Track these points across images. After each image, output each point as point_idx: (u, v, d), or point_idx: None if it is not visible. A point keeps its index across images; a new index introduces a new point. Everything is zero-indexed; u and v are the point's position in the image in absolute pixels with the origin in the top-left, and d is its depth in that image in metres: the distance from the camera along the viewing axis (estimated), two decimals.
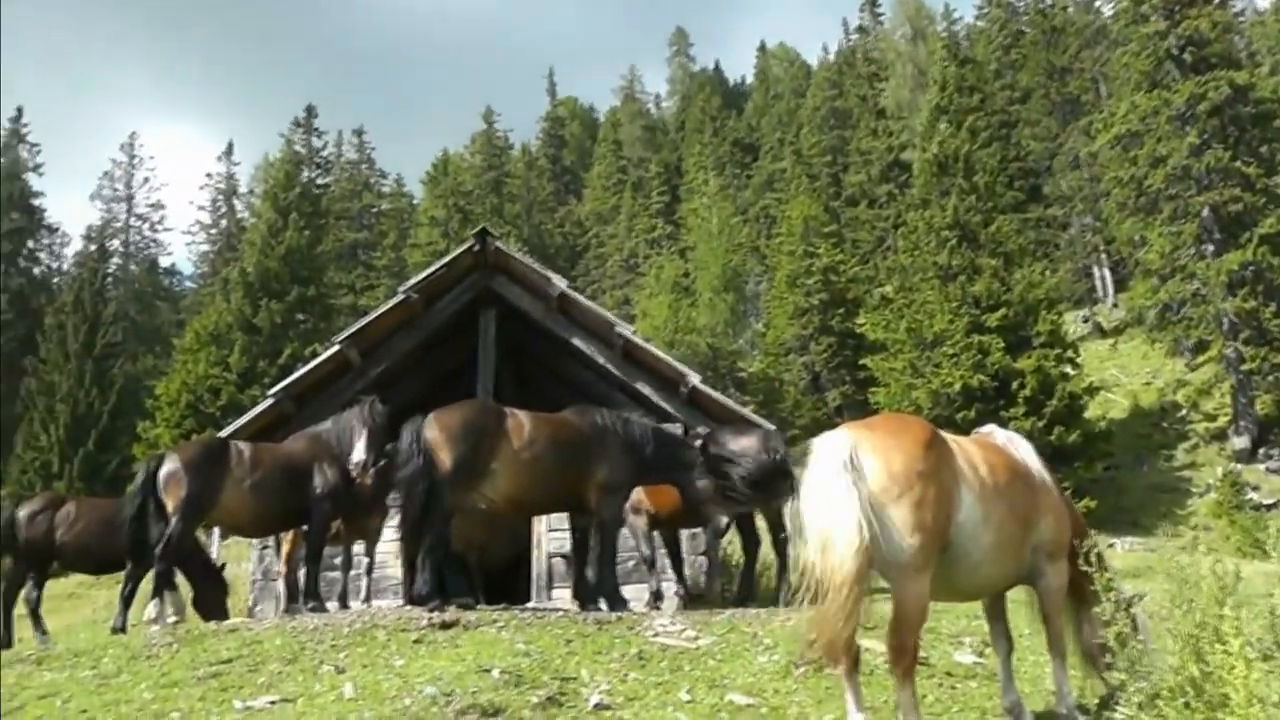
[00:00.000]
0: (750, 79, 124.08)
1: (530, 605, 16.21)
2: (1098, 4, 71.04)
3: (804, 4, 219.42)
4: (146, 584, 13.59)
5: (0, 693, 9.59)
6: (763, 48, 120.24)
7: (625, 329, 18.38)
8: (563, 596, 17.40)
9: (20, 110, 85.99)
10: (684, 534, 17.43)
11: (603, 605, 13.12)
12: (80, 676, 9.82)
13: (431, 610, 11.51)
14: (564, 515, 16.61)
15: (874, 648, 8.36)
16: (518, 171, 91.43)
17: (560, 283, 18.27)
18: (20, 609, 15.82)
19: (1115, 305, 61.85)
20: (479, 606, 12.83)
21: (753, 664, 9.28)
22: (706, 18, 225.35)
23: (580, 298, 19.08)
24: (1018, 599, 7.97)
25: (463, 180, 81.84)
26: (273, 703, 8.36)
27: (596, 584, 13.45)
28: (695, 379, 18.13)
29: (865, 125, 72.99)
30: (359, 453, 13.41)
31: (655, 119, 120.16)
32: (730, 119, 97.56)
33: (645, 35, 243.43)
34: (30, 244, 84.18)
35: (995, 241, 43.02)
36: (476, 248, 18.53)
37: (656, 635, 10.44)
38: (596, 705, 8.09)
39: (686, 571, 17.30)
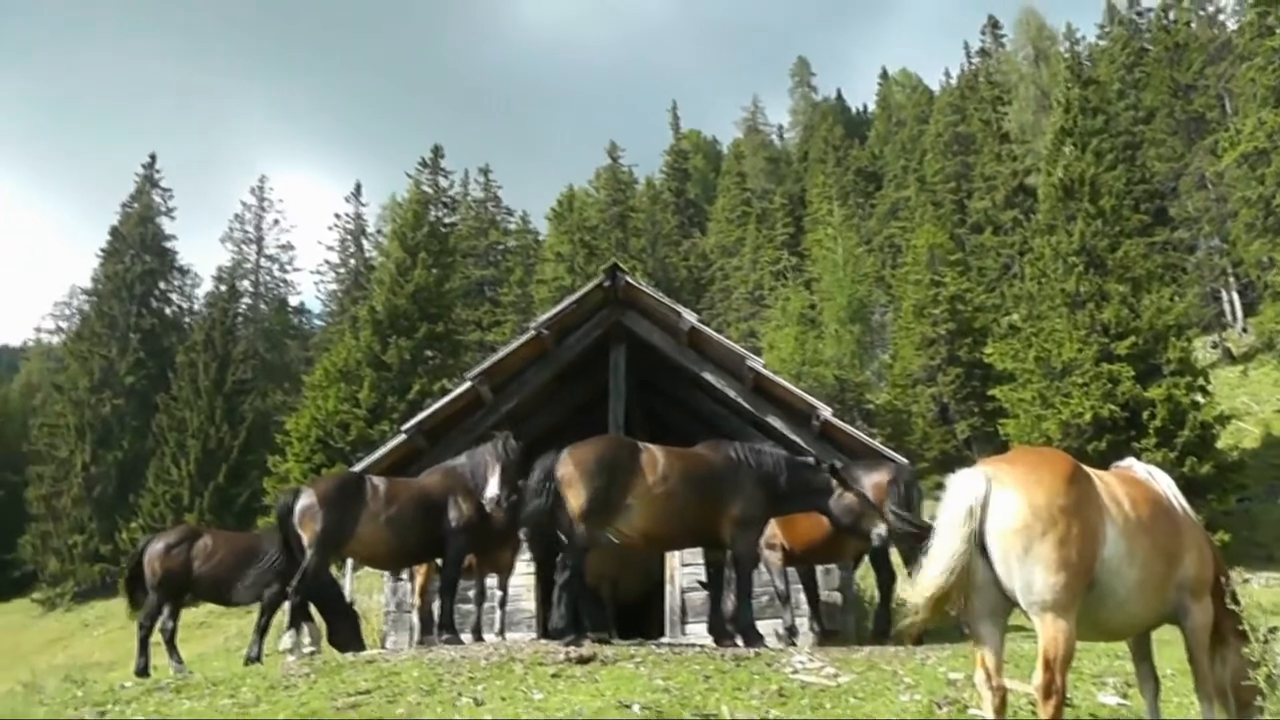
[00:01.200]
0: (872, 107, 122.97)
1: (665, 640, 16.14)
2: (1222, 18, 69.72)
3: (925, 29, 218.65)
4: (282, 614, 13.78)
5: None
6: (884, 74, 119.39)
7: (756, 362, 18.26)
8: (697, 632, 17.29)
9: (153, 156, 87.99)
10: (819, 570, 17.27)
11: (739, 641, 13.02)
12: (219, 705, 9.93)
13: (568, 644, 11.49)
14: (697, 549, 16.50)
15: (1018, 689, 8.16)
16: (642, 205, 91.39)
17: (690, 317, 18.21)
18: (155, 638, 16.08)
19: (1245, 330, 60.29)
20: (614, 641, 12.76)
21: (894, 703, 9.08)
22: (828, 47, 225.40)
23: (710, 331, 18.99)
24: (1162, 638, 7.75)
25: (588, 215, 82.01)
26: None
27: (733, 619, 13.36)
28: (826, 412, 17.96)
29: (989, 150, 72.03)
30: (492, 488, 13.45)
31: (778, 150, 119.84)
32: (853, 148, 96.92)
33: (767, 66, 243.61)
34: (162, 285, 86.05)
35: (1123, 266, 42.08)
36: (606, 283, 18.55)
37: (796, 672, 10.29)
38: None
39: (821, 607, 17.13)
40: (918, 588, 6.45)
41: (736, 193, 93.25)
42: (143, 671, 15.36)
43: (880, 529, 13.50)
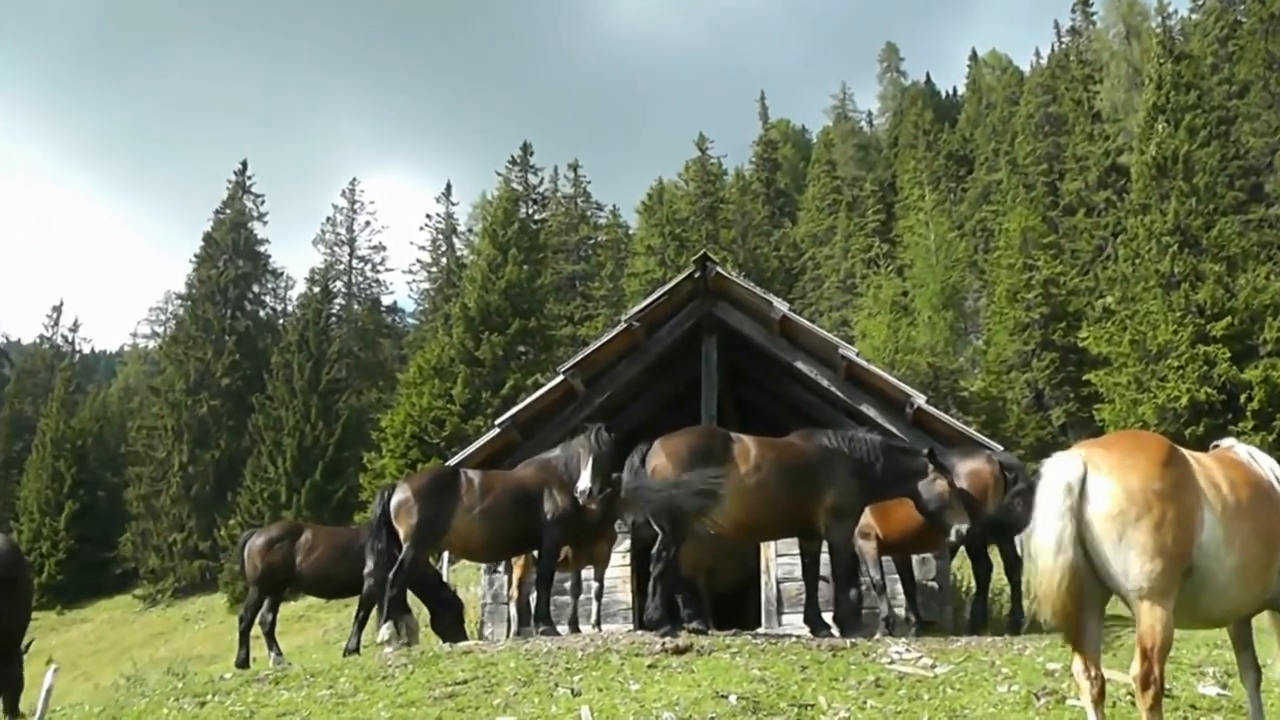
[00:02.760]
0: (962, 89, 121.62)
1: (761, 631, 16.09)
2: None
3: (1015, 9, 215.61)
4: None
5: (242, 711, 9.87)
6: (974, 56, 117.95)
7: (849, 350, 18.13)
8: (793, 622, 17.20)
9: (244, 163, 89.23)
10: (915, 559, 17.12)
11: (835, 631, 12.94)
12: (317, 695, 10.06)
13: (664, 635, 11.48)
14: (792, 539, 16.40)
15: (1116, 678, 8.02)
16: (732, 197, 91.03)
17: (782, 306, 18.08)
18: (256, 631, 16.31)
19: None
20: (710, 632, 12.73)
21: (992, 694, 8.96)
22: (916, 30, 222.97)
23: (802, 320, 18.89)
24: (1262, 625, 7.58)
25: (678, 208, 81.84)
26: None
27: (834, 609, 13.29)
28: (920, 399, 17.77)
29: (1081, 130, 70.83)
30: (585, 480, 13.46)
31: (868, 136, 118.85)
32: (943, 132, 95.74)
33: (855, 53, 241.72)
34: (255, 288, 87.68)
35: (1218, 245, 41.49)
36: (697, 274, 18.48)
37: (893, 662, 10.21)
38: None
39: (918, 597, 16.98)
40: (1040, 580, 6.33)
41: (826, 181, 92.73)
42: (243, 663, 15.60)
43: (962, 526, 13.42)
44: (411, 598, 14.34)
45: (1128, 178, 61.50)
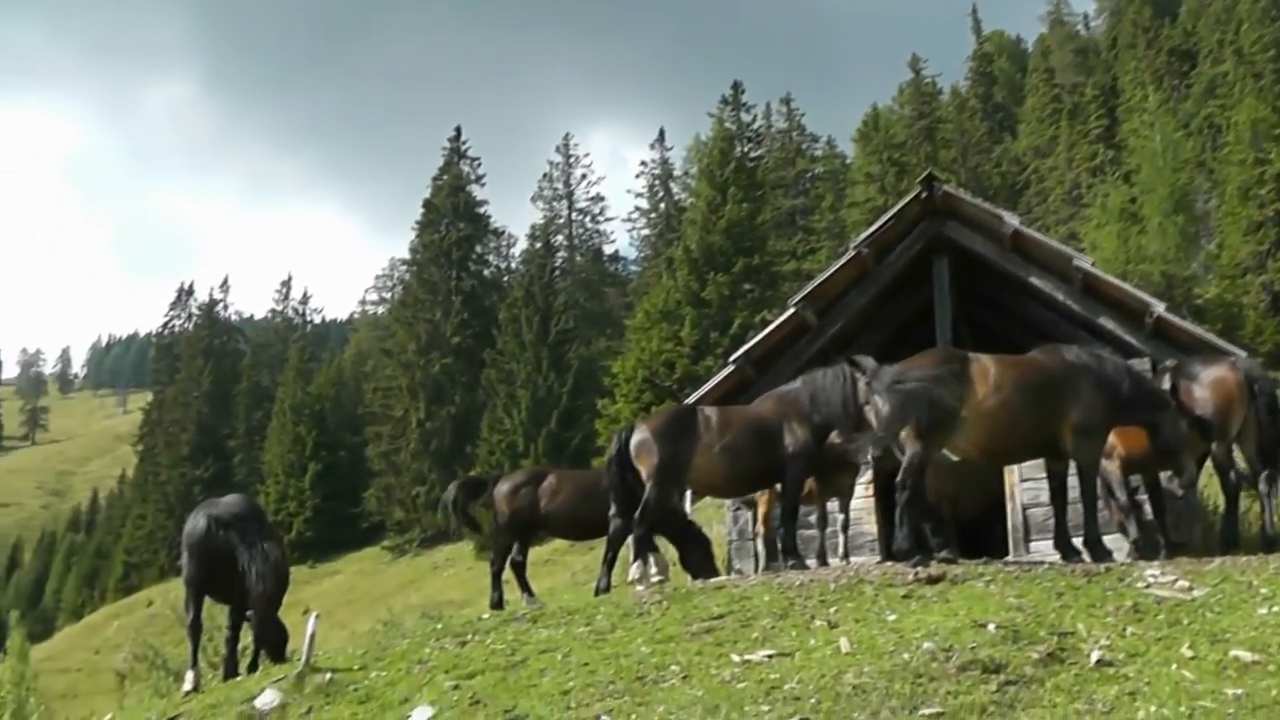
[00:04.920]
0: None
1: (1011, 559, 15.76)
2: None
3: None
4: (628, 547, 14.01)
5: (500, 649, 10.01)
6: None
7: (1083, 261, 17.51)
8: (1041, 549, 16.80)
9: (459, 129, 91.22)
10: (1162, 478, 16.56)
11: (1086, 556, 12.56)
12: (576, 633, 10.20)
13: (915, 565, 11.29)
14: (1037, 464, 15.99)
15: None
16: (949, 116, 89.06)
17: (1013, 220, 17.57)
18: (507, 576, 16.59)
19: None
20: (959, 561, 12.49)
21: (1252, 616, 8.58)
22: None
23: (1034, 233, 18.34)
24: None
25: (894, 133, 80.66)
26: (769, 656, 8.39)
27: (1084, 532, 12.90)
28: (1160, 307, 17.10)
29: None
30: (842, 416, 13.32)
31: (1086, 40, 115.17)
32: (1164, 27, 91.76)
33: None
34: (478, 249, 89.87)
35: None
36: (924, 194, 18.08)
37: (1149, 586, 9.87)
38: (1098, 661, 7.74)
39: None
40: None
41: (1045, 90, 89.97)
42: (498, 605, 15.88)
43: (1189, 476, 13.00)
44: (660, 537, 14.42)
45: None
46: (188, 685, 12.54)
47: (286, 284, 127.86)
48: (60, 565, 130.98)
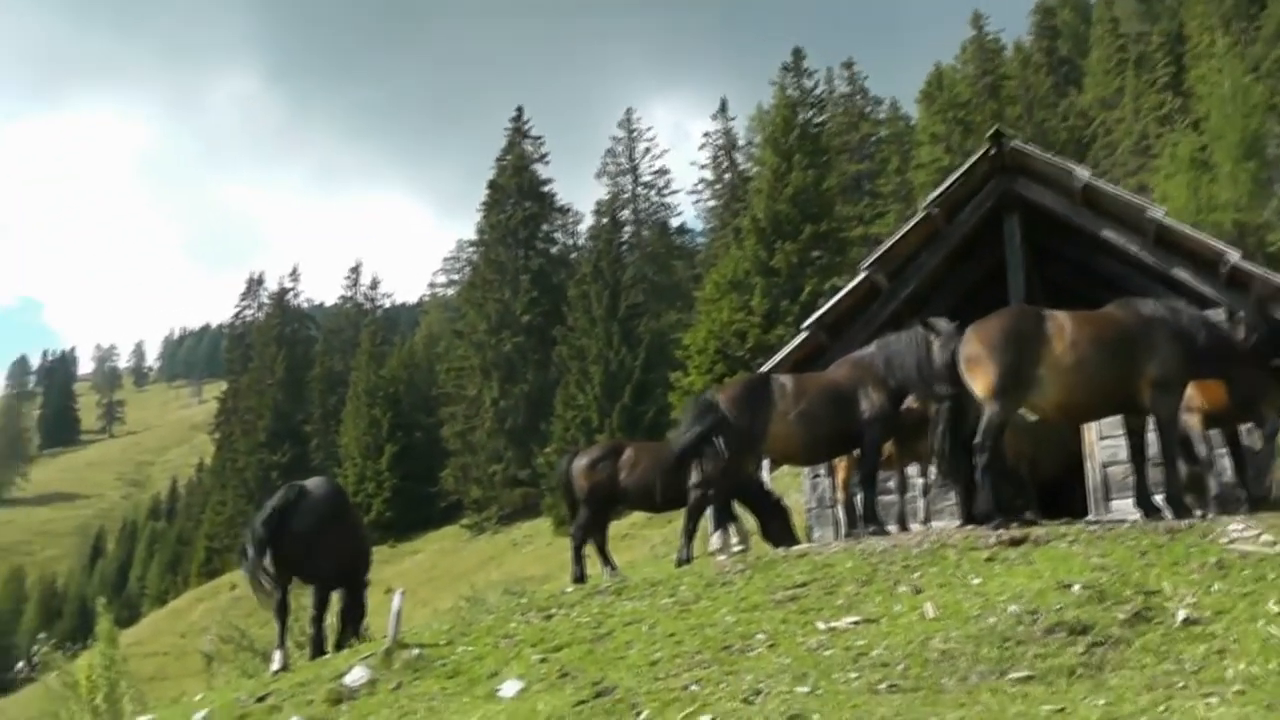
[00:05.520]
0: None
1: (1090, 518, 15.63)
2: None
3: None
4: (708, 518, 14.05)
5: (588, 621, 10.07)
6: None
7: (1156, 211, 17.30)
8: (1121, 508, 16.66)
9: (520, 109, 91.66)
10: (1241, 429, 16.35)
11: (1168, 513, 12.43)
12: (660, 604, 10.27)
13: (997, 528, 11.24)
14: (1115, 421, 15.83)
15: None
16: (1013, 72, 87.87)
17: (1083, 173, 17.40)
18: (587, 550, 16.66)
19: None
20: (1040, 522, 12.40)
21: None
22: None
23: (1106, 185, 18.12)
24: None
25: (958, 92, 79.85)
26: (855, 623, 8.41)
27: (1165, 489, 12.76)
28: (1235, 255, 16.87)
29: None
30: (917, 379, 13.26)
31: None
32: None
33: None
34: (545, 227, 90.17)
35: None
36: (992, 151, 17.93)
37: (1232, 542, 9.74)
38: (1185, 620, 7.66)
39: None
40: None
41: (1110, 41, 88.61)
42: (580, 579, 15.94)
43: (1270, 428, 12.82)
44: (739, 507, 14.44)
45: None
46: (276, 665, 12.71)
47: (355, 270, 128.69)
48: (143, 552, 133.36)
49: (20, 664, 30.33)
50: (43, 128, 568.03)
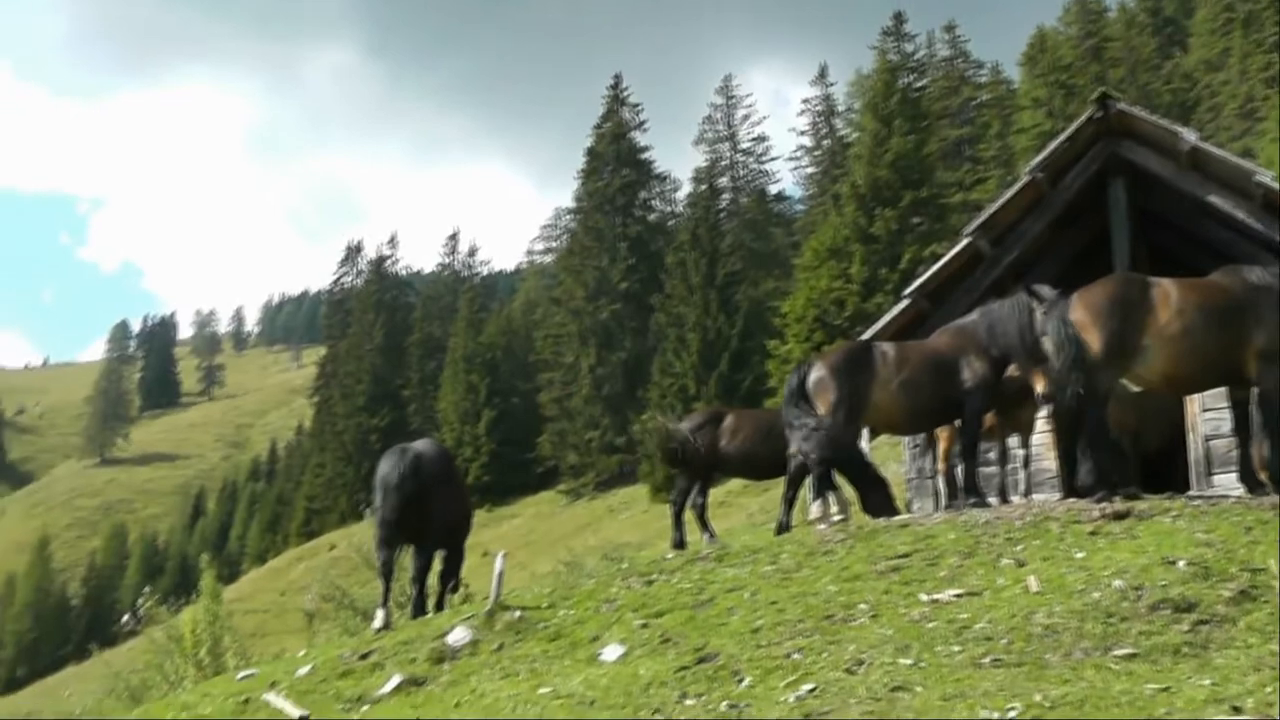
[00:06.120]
0: None
1: (1193, 492, 15.39)
2: None
3: None
4: (807, 486, 14.03)
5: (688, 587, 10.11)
6: None
7: (1264, 176, 16.84)
8: (1224, 482, 16.39)
9: (618, 77, 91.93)
10: None
11: (1272, 489, 12.20)
12: (762, 571, 10.23)
13: (1100, 501, 11.11)
14: (1219, 394, 15.58)
15: None
16: (1116, 33, 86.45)
17: (1190, 136, 16.98)
18: (687, 515, 16.69)
19: None
20: (1143, 496, 12.22)
21: None
22: None
23: (1213, 148, 17.61)
24: None
25: (1061, 54, 78.72)
26: (958, 595, 8.34)
27: (1268, 463, 12.53)
28: None
29: None
30: (1020, 348, 13.12)
31: None
32: None
33: None
34: (642, 194, 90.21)
35: None
36: (1098, 114, 17.61)
37: None
38: None
39: None
40: None
41: (1217, 0, 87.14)
42: (679, 544, 16.00)
43: None
44: (839, 477, 14.40)
45: None
46: (378, 623, 12.83)
47: (454, 238, 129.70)
48: (243, 512, 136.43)
49: (125, 617, 31.04)
50: (144, 101, 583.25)
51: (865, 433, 16.50)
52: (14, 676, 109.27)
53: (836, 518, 13.14)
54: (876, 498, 15.24)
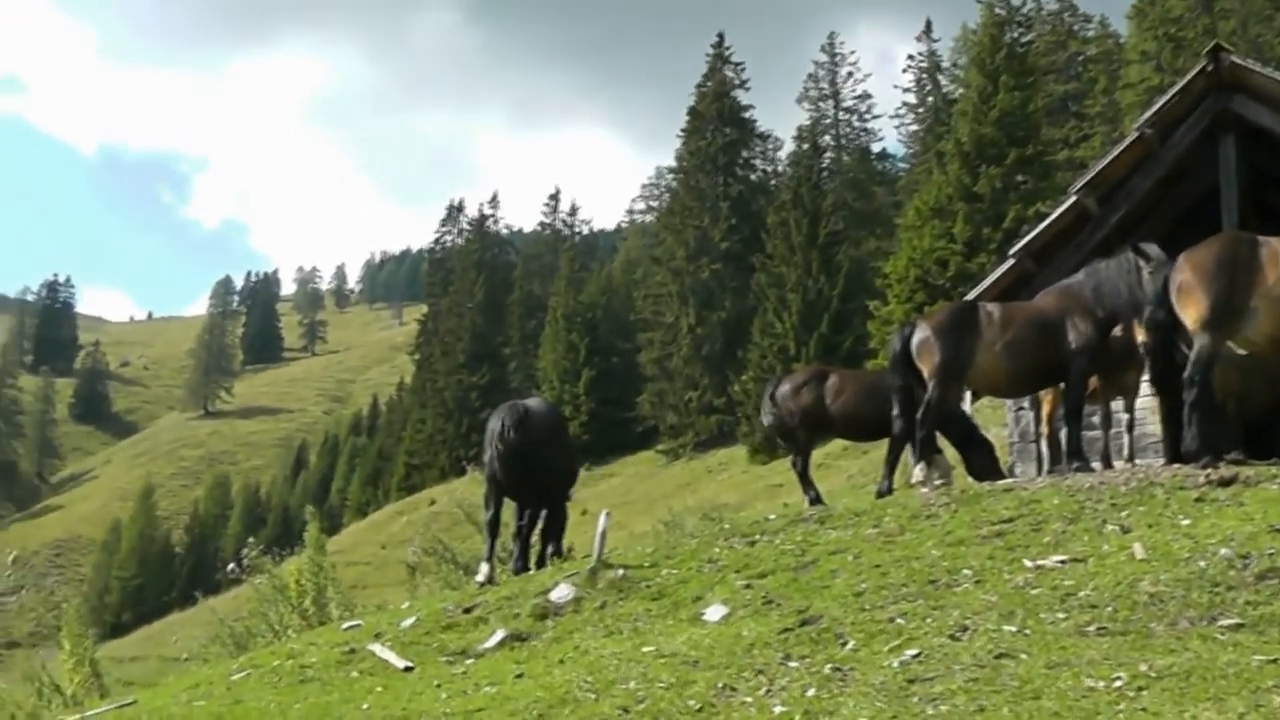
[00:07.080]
0: None
1: None
2: None
3: None
4: (909, 449, 13.99)
5: (792, 549, 10.16)
6: None
7: None
8: None
9: (721, 35, 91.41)
10: None
11: None
12: (864, 534, 10.25)
13: (1205, 467, 10.95)
14: None
15: None
16: None
17: None
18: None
19: None
20: (1248, 462, 12.02)
21: None
22: None
23: None
24: None
25: (1170, 7, 77.02)
26: (1062, 562, 8.30)
27: None
28: None
29: None
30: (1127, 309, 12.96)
31: None
32: None
33: None
34: (744, 153, 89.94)
35: None
36: (1210, 67, 17.23)
37: None
38: None
39: None
40: None
41: None
42: (816, 500, 15.83)
43: None
44: (941, 440, 14.32)
45: None
46: (481, 577, 13.00)
47: (555, 197, 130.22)
48: (344, 466, 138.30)
49: (230, 566, 31.59)
50: (252, 65, 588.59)
51: (968, 395, 16.40)
52: (119, 621, 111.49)
53: (938, 481, 13.08)
54: (980, 461, 15.14)
